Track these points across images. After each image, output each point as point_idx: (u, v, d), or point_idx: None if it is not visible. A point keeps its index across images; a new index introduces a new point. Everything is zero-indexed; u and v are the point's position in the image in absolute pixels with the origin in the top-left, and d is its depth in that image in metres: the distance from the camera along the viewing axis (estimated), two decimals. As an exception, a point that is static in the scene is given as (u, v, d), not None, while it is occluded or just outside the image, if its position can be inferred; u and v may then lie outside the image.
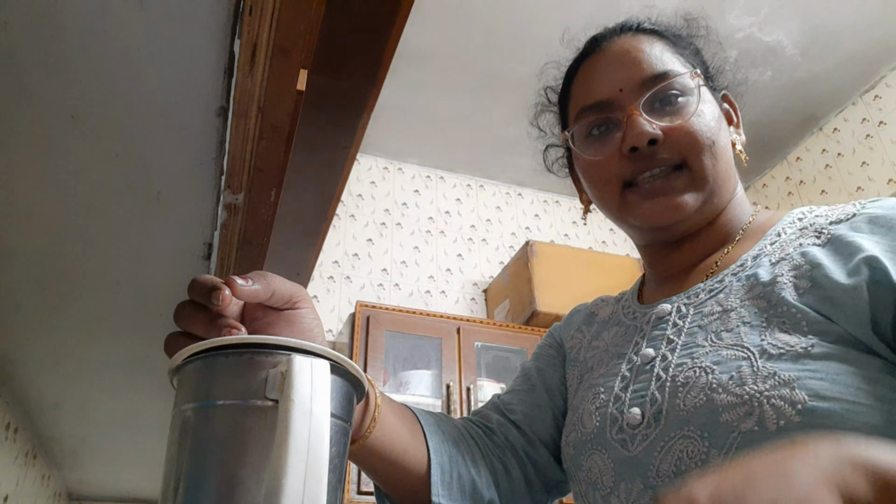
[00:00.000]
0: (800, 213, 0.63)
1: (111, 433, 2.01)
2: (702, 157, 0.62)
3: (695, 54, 0.70)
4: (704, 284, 0.62)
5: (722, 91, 0.72)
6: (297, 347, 0.41)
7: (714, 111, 0.65)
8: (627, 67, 0.65)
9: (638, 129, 0.61)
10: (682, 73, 0.64)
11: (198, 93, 0.73)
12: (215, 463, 0.39)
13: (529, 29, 2.55)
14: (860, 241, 0.53)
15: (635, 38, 0.68)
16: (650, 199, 0.62)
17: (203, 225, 0.96)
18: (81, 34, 0.64)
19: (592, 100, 0.66)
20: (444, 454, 0.64)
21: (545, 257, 2.81)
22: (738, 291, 0.58)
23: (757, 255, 0.60)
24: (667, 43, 0.68)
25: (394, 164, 3.28)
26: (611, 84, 0.65)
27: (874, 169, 2.77)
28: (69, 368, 1.52)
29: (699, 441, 0.52)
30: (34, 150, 0.80)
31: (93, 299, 1.19)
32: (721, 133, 0.64)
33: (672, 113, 0.63)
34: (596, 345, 0.73)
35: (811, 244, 0.57)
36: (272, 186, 0.82)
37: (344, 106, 0.79)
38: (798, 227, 0.60)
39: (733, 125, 0.71)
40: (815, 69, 2.77)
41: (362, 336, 2.42)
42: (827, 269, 0.53)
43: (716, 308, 0.59)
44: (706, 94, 0.66)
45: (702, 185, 0.62)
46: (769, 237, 0.62)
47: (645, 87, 0.63)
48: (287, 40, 0.62)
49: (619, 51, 0.67)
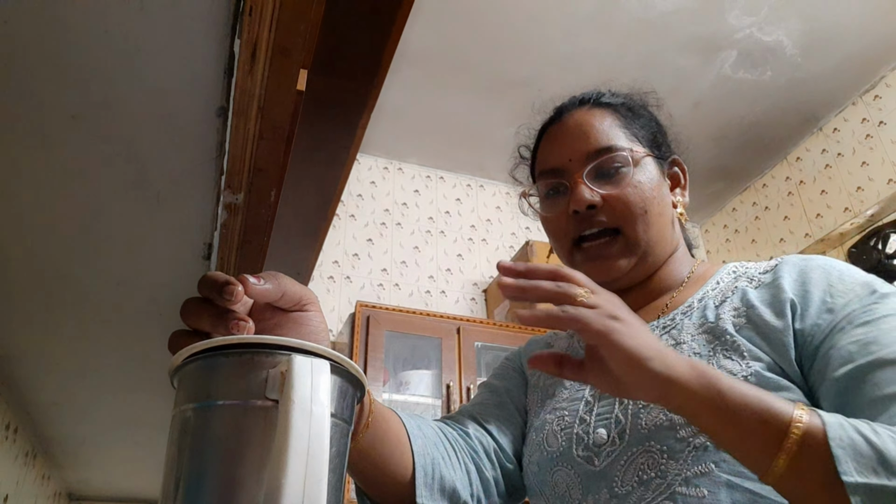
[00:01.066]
0: (733, 266, 0.74)
1: (111, 433, 2.01)
2: (635, 225, 0.72)
3: (643, 127, 0.78)
4: (658, 322, 0.72)
5: (671, 157, 0.80)
6: (297, 347, 0.41)
7: (652, 180, 0.74)
8: (578, 140, 0.75)
9: (578, 195, 0.72)
10: (621, 150, 0.73)
11: (198, 93, 0.73)
12: (215, 463, 0.39)
13: (529, 29, 2.55)
14: (785, 285, 0.65)
15: (590, 112, 0.78)
16: (590, 261, 0.73)
17: (203, 225, 0.96)
18: (81, 34, 0.64)
19: (548, 166, 0.77)
20: (427, 457, 0.67)
21: (545, 257, 2.81)
22: (688, 328, 0.68)
23: (702, 298, 0.71)
24: (617, 117, 0.77)
25: (394, 164, 3.28)
26: (562, 154, 0.76)
27: (874, 169, 2.77)
28: (69, 368, 1.52)
29: (658, 455, 0.61)
30: (34, 150, 0.80)
31: (93, 299, 1.19)
32: (656, 200, 0.73)
33: (611, 182, 0.73)
34: None
35: (746, 286, 0.68)
36: (272, 186, 0.82)
37: (344, 106, 0.79)
38: (734, 276, 0.72)
39: (680, 187, 0.80)
40: (815, 69, 2.77)
41: (362, 336, 2.42)
42: (759, 310, 0.64)
43: (670, 342, 0.68)
44: (647, 164, 0.75)
45: (634, 250, 0.72)
46: (710, 284, 0.73)
47: (589, 159, 0.73)
48: (287, 40, 0.62)
49: (573, 124, 0.77)
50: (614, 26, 2.52)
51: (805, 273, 0.65)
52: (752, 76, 2.80)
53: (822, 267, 0.66)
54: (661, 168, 0.77)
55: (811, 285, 0.64)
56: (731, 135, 3.04)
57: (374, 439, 0.62)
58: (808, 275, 0.65)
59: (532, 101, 0.86)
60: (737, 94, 2.86)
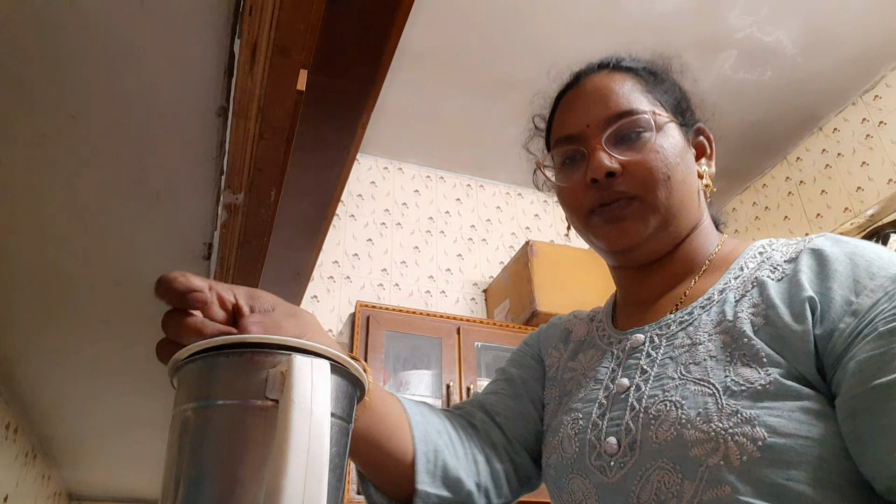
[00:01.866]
0: (760, 246, 0.68)
1: (111, 433, 2.01)
2: (655, 191, 0.67)
3: (666, 91, 0.74)
4: (675, 316, 0.67)
5: (696, 125, 0.75)
6: (297, 347, 0.41)
7: (676, 146, 0.69)
8: (596, 104, 0.71)
9: (597, 162, 0.67)
10: (643, 113, 0.68)
11: (198, 93, 0.73)
12: (215, 463, 0.39)
13: (529, 29, 2.55)
14: (803, 281, 0.58)
15: (609, 76, 0.73)
16: (609, 223, 0.68)
17: (203, 225, 0.96)
18: (82, 34, 0.64)
19: (565, 132, 0.72)
20: (430, 443, 0.66)
21: (545, 257, 2.81)
22: (705, 325, 0.63)
23: (723, 290, 0.65)
24: (638, 81, 0.72)
25: (394, 164, 3.28)
26: (580, 119, 0.71)
27: (874, 169, 2.77)
28: (69, 368, 1.52)
29: (673, 473, 0.56)
30: (34, 150, 0.80)
31: (93, 299, 1.18)
32: (680, 167, 0.69)
33: (632, 148, 0.68)
34: (572, 366, 0.77)
35: (767, 277, 0.62)
36: (272, 186, 0.82)
37: (344, 106, 0.79)
38: (759, 260, 0.66)
39: (706, 157, 0.75)
40: (815, 69, 2.77)
41: (362, 336, 2.42)
42: (779, 311, 0.58)
43: (686, 341, 0.64)
44: (670, 130, 0.70)
45: (653, 215, 0.67)
46: (733, 271, 0.67)
47: (609, 123, 0.69)
48: (287, 40, 0.62)
49: (592, 88, 0.73)
50: (614, 26, 2.52)
51: (827, 264, 0.58)
52: (752, 76, 2.80)
53: (849, 257, 0.58)
54: (685, 135, 0.72)
55: (833, 280, 0.57)
56: (731, 135, 3.04)
57: (371, 421, 0.61)
58: (831, 267, 0.58)
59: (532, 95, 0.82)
60: (737, 94, 2.86)
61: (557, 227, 3.43)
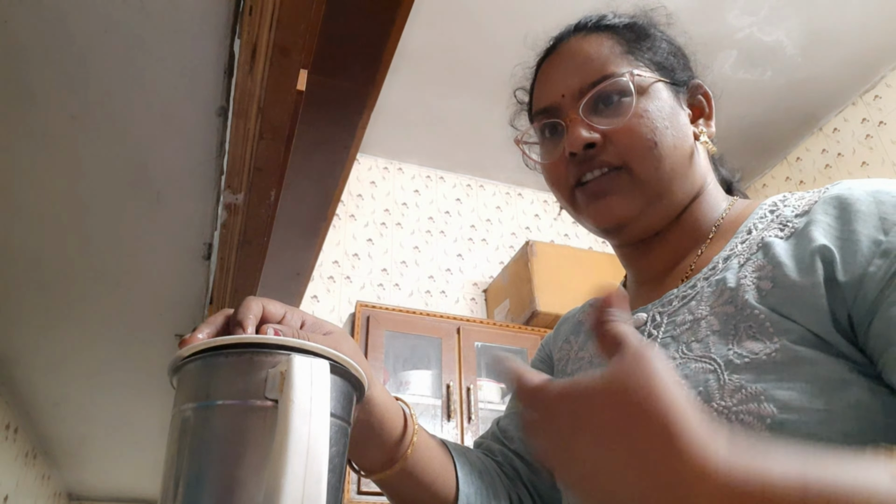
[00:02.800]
0: (772, 203, 0.60)
1: (111, 433, 2.01)
2: (642, 160, 0.61)
3: (652, 48, 0.67)
4: (678, 291, 0.62)
5: (692, 82, 0.69)
6: (297, 347, 0.41)
7: (663, 108, 0.63)
8: (571, 72, 0.65)
9: (573, 134, 0.62)
10: (621, 75, 0.63)
11: (198, 93, 0.73)
12: (215, 463, 0.39)
13: (529, 29, 2.55)
14: (814, 232, 0.52)
15: (586, 39, 0.68)
16: (594, 200, 0.63)
17: (203, 225, 0.96)
18: (82, 34, 0.64)
19: (541, 105, 0.68)
20: (472, 485, 0.66)
21: (545, 257, 2.81)
22: (708, 298, 0.58)
23: (728, 257, 0.59)
24: (618, 40, 0.66)
25: (394, 164, 3.28)
26: (555, 89, 0.66)
27: (874, 169, 2.77)
28: (69, 368, 1.52)
29: None
30: (34, 150, 0.80)
31: (93, 299, 1.18)
32: (669, 131, 0.62)
33: (612, 115, 0.62)
34: (581, 355, 0.75)
35: (774, 236, 0.56)
36: (272, 186, 0.82)
37: (344, 106, 0.79)
38: (769, 220, 0.59)
39: (704, 117, 0.69)
40: (815, 69, 2.77)
41: (362, 336, 2.42)
42: (786, 269, 0.52)
43: (687, 317, 0.58)
44: (657, 91, 0.64)
45: (641, 186, 0.61)
46: (740, 235, 0.60)
47: (584, 91, 0.63)
48: (287, 40, 0.62)
49: (567, 53, 0.68)
50: (614, 26, 2.52)
51: (848, 207, 0.52)
52: (752, 76, 2.80)
53: (872, 195, 0.51)
54: (676, 95, 0.66)
55: (856, 222, 0.50)
56: (731, 135, 3.03)
57: (418, 465, 0.62)
58: (853, 208, 0.51)
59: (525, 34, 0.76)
60: (737, 94, 2.86)
61: (557, 227, 3.43)
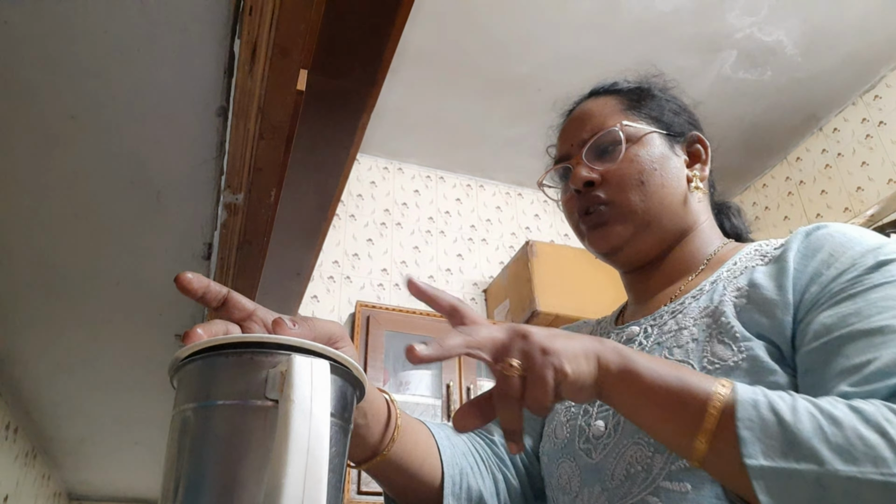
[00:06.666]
0: (757, 244, 0.71)
1: (111, 433, 2.01)
2: (628, 194, 0.73)
3: (652, 107, 0.80)
4: (668, 307, 0.71)
5: (690, 134, 0.80)
6: (297, 347, 0.41)
7: (653, 153, 0.75)
8: (579, 127, 0.79)
9: (576, 174, 0.76)
10: (613, 127, 0.76)
11: (198, 93, 0.73)
12: (215, 463, 0.39)
13: (529, 29, 2.55)
14: (788, 256, 0.61)
15: (594, 100, 0.81)
16: (592, 230, 0.76)
17: (203, 225, 0.96)
18: (82, 34, 0.64)
19: (558, 154, 0.83)
20: (456, 467, 0.70)
21: (545, 257, 2.80)
22: (693, 312, 0.67)
23: (714, 281, 0.69)
24: (620, 100, 0.80)
25: (394, 164, 3.28)
26: (568, 141, 0.80)
27: (874, 169, 2.77)
28: (69, 368, 1.52)
29: (645, 447, 0.60)
30: (34, 150, 0.80)
31: (93, 299, 1.19)
32: (658, 172, 0.74)
33: (609, 160, 0.75)
34: None
35: (756, 265, 0.66)
36: (272, 186, 0.82)
37: (344, 106, 0.79)
38: (753, 255, 0.69)
39: (700, 163, 0.80)
40: (815, 69, 2.77)
41: (362, 336, 2.42)
42: (763, 289, 0.61)
43: (673, 327, 0.67)
44: (651, 140, 0.76)
45: (629, 217, 0.73)
46: (727, 265, 0.70)
47: (586, 141, 0.77)
48: (287, 40, 0.62)
49: (579, 113, 0.81)
50: (614, 26, 2.52)
51: (812, 241, 0.62)
52: (752, 76, 2.79)
53: (831, 234, 0.61)
54: (671, 144, 0.77)
55: (811, 256, 0.60)
56: (731, 135, 3.04)
57: (402, 452, 0.65)
58: (816, 243, 0.61)
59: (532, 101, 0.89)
60: (737, 94, 2.85)
61: (557, 227, 3.43)
